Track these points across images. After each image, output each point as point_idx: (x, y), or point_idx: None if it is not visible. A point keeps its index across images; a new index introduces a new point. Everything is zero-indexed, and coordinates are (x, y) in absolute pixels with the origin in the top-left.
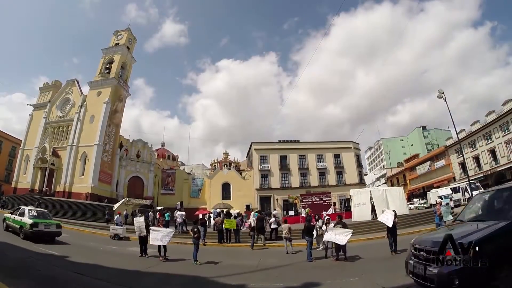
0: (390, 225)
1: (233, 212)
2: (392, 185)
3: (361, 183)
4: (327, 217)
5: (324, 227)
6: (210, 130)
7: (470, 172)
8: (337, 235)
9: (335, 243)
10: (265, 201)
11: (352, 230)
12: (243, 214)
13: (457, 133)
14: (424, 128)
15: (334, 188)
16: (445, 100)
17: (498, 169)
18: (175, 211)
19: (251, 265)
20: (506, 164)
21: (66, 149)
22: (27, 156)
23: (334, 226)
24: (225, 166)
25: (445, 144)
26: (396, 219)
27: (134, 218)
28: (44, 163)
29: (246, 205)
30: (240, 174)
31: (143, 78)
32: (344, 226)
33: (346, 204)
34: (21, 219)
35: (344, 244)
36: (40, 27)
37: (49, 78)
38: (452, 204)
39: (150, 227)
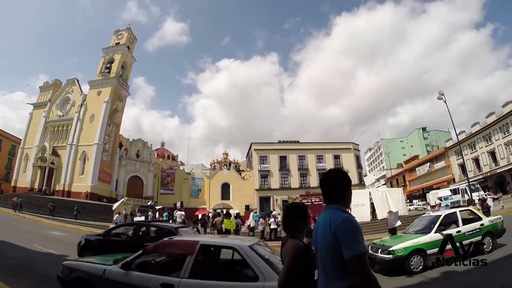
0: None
1: (233, 212)
2: (391, 186)
3: (361, 184)
4: None
5: None
6: (210, 130)
7: (470, 174)
8: None
9: None
10: (264, 202)
11: None
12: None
13: (457, 135)
14: (424, 129)
15: None
16: (445, 102)
17: (497, 171)
18: (175, 211)
19: None
20: (505, 166)
21: (66, 148)
22: (27, 155)
23: None
24: (225, 166)
25: (445, 146)
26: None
27: (134, 218)
28: (43, 162)
29: (246, 206)
30: (240, 174)
31: (144, 77)
32: None
33: None
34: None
35: None
36: (40, 26)
37: (48, 77)
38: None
39: None
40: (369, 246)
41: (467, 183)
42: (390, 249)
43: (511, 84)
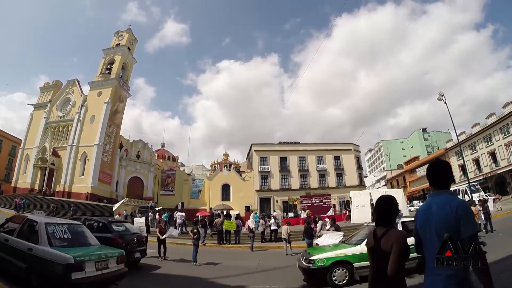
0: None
1: (233, 213)
2: (392, 187)
3: (361, 185)
4: (321, 221)
5: (322, 230)
6: (211, 131)
7: (470, 175)
8: (330, 239)
9: None
10: (265, 203)
11: (343, 233)
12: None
13: (457, 136)
14: (424, 130)
15: (334, 190)
16: (445, 103)
17: (498, 172)
18: (175, 212)
19: (251, 266)
20: (506, 167)
21: (66, 149)
22: (27, 156)
23: (328, 229)
24: (225, 167)
25: (445, 147)
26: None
27: (134, 219)
28: (44, 163)
29: (246, 207)
30: (240, 175)
31: (144, 78)
32: (337, 229)
33: (346, 206)
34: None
35: None
36: (40, 26)
37: (49, 77)
38: None
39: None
40: (300, 253)
41: (468, 184)
42: (311, 258)
43: (511, 85)
